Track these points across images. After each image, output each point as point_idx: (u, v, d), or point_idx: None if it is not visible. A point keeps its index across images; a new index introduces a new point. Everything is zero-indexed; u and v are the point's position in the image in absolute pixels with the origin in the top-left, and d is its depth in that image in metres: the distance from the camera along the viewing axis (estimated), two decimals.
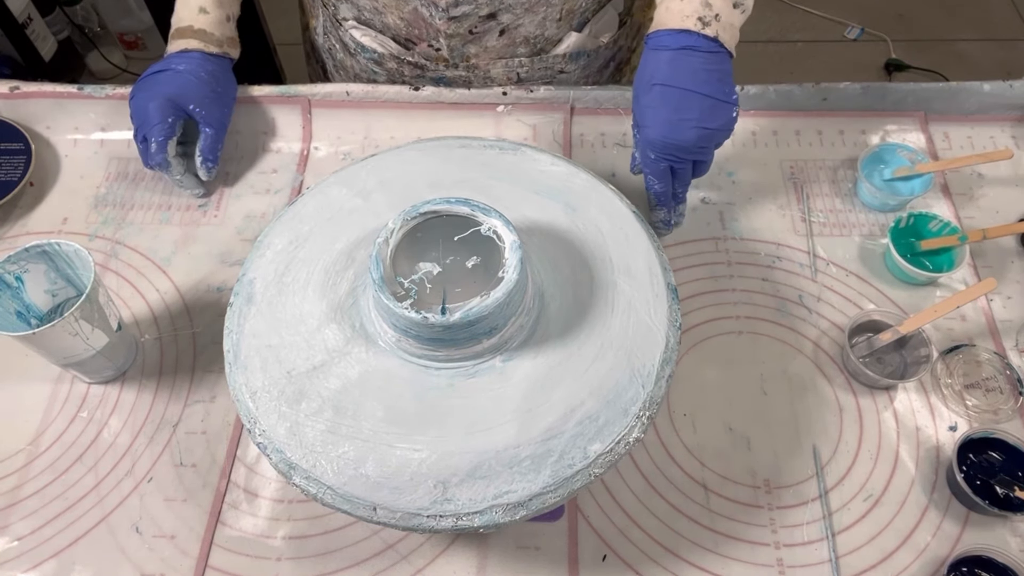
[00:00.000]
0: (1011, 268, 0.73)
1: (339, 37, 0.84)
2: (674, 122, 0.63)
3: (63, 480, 0.63)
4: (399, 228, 0.50)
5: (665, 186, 0.67)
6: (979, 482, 0.59)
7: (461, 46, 0.78)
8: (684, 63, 0.63)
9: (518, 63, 0.80)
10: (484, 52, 0.79)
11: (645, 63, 0.65)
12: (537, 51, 0.80)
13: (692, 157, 0.65)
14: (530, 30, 0.77)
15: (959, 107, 0.81)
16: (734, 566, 0.59)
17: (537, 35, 0.77)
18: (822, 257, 0.73)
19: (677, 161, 0.65)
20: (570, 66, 0.82)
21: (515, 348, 0.50)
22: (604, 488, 0.62)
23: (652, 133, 0.64)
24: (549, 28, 0.77)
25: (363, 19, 0.80)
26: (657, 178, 0.67)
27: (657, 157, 0.65)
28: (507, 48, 0.78)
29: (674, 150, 0.64)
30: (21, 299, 0.64)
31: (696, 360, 0.68)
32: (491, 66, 0.80)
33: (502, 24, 0.75)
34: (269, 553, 0.59)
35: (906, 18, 2.18)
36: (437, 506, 0.46)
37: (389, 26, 0.79)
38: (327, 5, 0.83)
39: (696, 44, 0.63)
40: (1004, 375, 0.66)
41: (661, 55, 0.63)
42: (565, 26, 0.78)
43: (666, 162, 0.65)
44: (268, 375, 0.51)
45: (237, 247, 0.75)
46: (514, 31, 0.76)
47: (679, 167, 0.66)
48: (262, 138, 0.82)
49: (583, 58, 0.82)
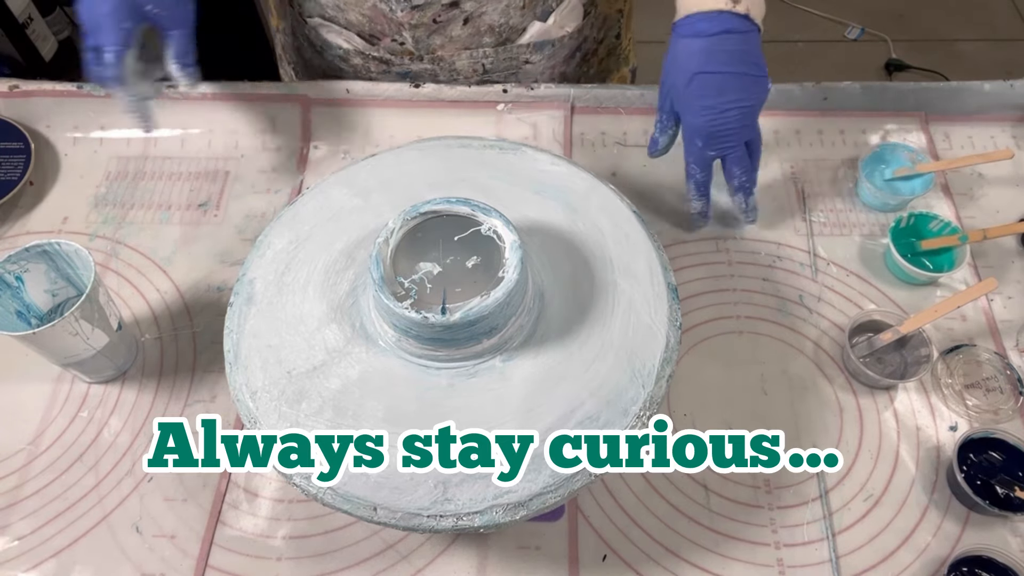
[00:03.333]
0: (1011, 268, 0.73)
1: (305, 35, 0.84)
2: (719, 108, 0.63)
3: (63, 480, 0.63)
4: (399, 228, 0.50)
5: (707, 175, 0.68)
6: (979, 482, 0.59)
7: (426, 37, 0.78)
8: (721, 48, 0.62)
9: (483, 54, 0.80)
10: (450, 43, 0.79)
11: (679, 51, 0.64)
12: (502, 41, 0.80)
13: (742, 138, 0.65)
14: (494, 19, 0.77)
15: (959, 107, 0.81)
16: (734, 566, 0.59)
17: (502, 24, 0.78)
18: (822, 257, 0.73)
19: (727, 147, 0.65)
20: (535, 56, 0.82)
21: (515, 348, 0.50)
22: (604, 488, 0.62)
23: (700, 121, 0.64)
24: (513, 16, 0.77)
25: (327, 16, 0.80)
26: (700, 167, 0.67)
27: (705, 145, 0.65)
28: (472, 38, 0.79)
29: (721, 136, 0.64)
30: (21, 299, 0.64)
31: (696, 360, 0.68)
32: (456, 57, 0.80)
33: (466, 12, 0.75)
34: (269, 553, 0.59)
35: (906, 18, 2.18)
36: (437, 506, 0.46)
37: (352, 22, 0.79)
38: (292, 4, 0.83)
39: (732, 27, 0.62)
40: (1004, 375, 0.66)
41: (696, 43, 0.63)
42: (529, 15, 0.78)
43: (715, 150, 0.66)
44: (268, 375, 0.51)
45: (237, 247, 0.75)
46: (478, 20, 0.77)
47: (731, 153, 0.66)
48: (262, 137, 0.82)
49: (548, 48, 0.82)
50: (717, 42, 0.62)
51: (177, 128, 0.82)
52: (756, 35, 0.64)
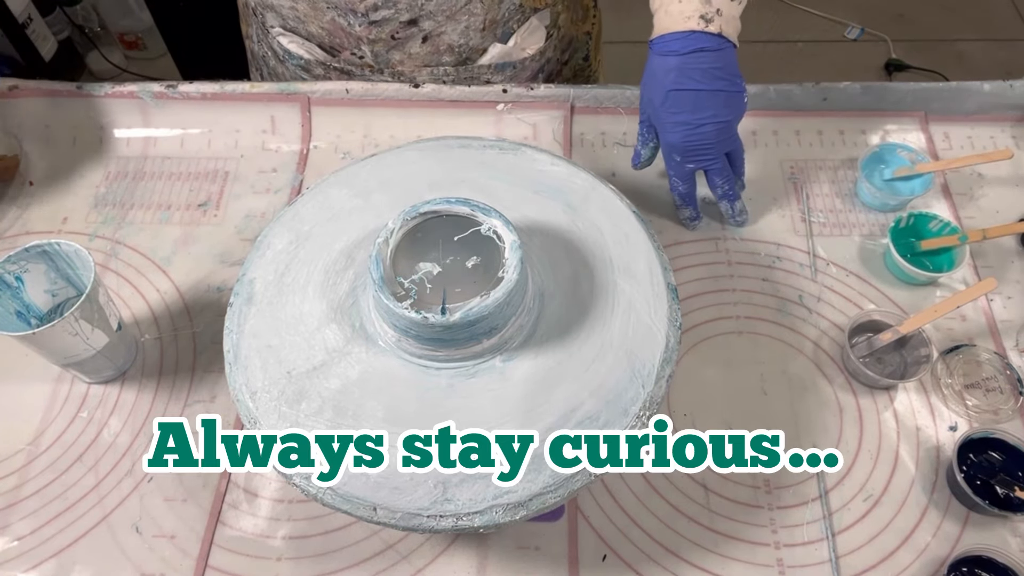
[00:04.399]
0: (1011, 268, 0.73)
1: (269, 44, 0.84)
2: (693, 124, 0.65)
3: (63, 480, 0.63)
4: (399, 228, 0.50)
5: (689, 187, 0.70)
6: (979, 482, 0.59)
7: (385, 52, 0.78)
8: (694, 65, 0.64)
9: (444, 71, 0.80)
10: (409, 59, 0.79)
11: (655, 69, 0.66)
12: (462, 60, 0.80)
13: (720, 151, 0.67)
14: (453, 38, 0.77)
15: (959, 107, 0.81)
16: (734, 566, 0.59)
17: (461, 44, 0.78)
18: (822, 257, 0.73)
19: (705, 160, 0.67)
20: (496, 77, 0.82)
21: (515, 348, 0.50)
22: (604, 488, 0.62)
23: (674, 137, 0.66)
24: (473, 38, 0.77)
25: (288, 27, 0.80)
26: (681, 180, 0.70)
27: (683, 159, 0.68)
28: (431, 56, 0.79)
29: (698, 150, 0.66)
30: (21, 299, 0.64)
31: (696, 360, 0.68)
32: (416, 73, 0.81)
33: (424, 31, 0.75)
34: (269, 553, 0.59)
35: (906, 18, 2.18)
36: (437, 506, 0.46)
37: (313, 34, 0.79)
38: (256, 13, 0.83)
39: (704, 45, 0.63)
40: (1004, 375, 0.66)
41: (670, 60, 0.64)
42: (489, 36, 0.78)
43: (693, 163, 0.68)
44: (268, 375, 0.51)
45: (237, 247, 0.75)
46: (437, 39, 0.77)
47: (710, 166, 0.68)
48: (261, 137, 0.82)
49: (508, 69, 0.82)
50: (691, 60, 0.64)
51: (177, 128, 0.82)
52: (731, 51, 0.65)
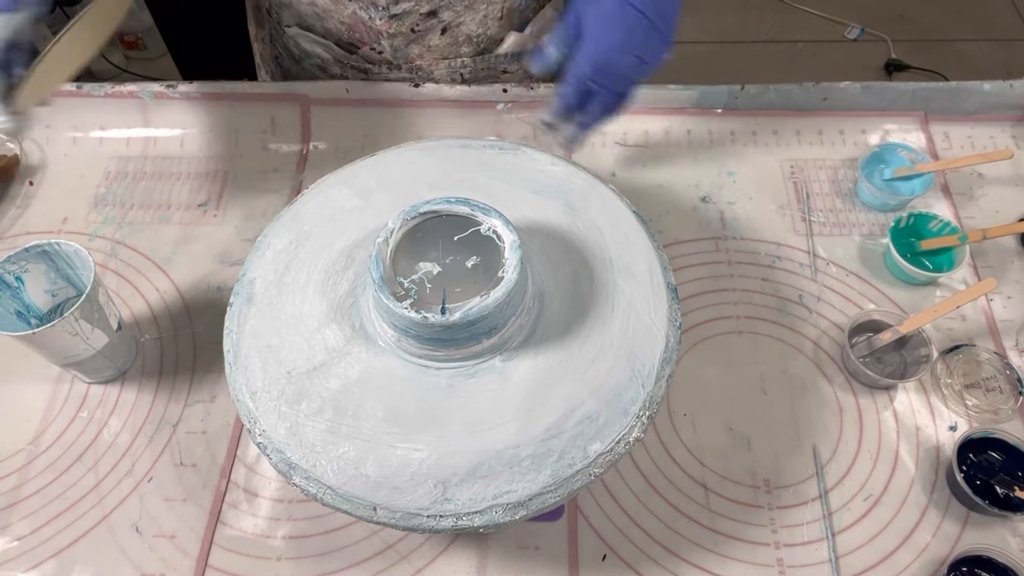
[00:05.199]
0: (1011, 268, 0.73)
1: (284, 44, 0.84)
2: (623, 47, 0.57)
3: (63, 480, 0.63)
4: (399, 228, 0.50)
5: (580, 101, 0.60)
6: (979, 482, 0.59)
7: (404, 46, 0.78)
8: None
9: (461, 63, 0.80)
10: (428, 52, 0.79)
11: None
12: (480, 51, 0.80)
13: (623, 88, 0.59)
14: (472, 28, 0.77)
15: (959, 107, 0.81)
16: (734, 566, 0.59)
17: (480, 34, 0.77)
18: (822, 257, 0.73)
19: (610, 89, 0.59)
20: (513, 66, 0.82)
21: (515, 348, 0.50)
22: (604, 488, 0.62)
23: (599, 52, 0.57)
24: (491, 27, 0.77)
25: (305, 24, 0.80)
26: (576, 92, 0.59)
27: (594, 76, 0.58)
28: (450, 48, 0.78)
29: (613, 77, 0.58)
30: (21, 299, 0.64)
31: (696, 360, 0.68)
32: (434, 67, 0.80)
33: (443, 22, 0.75)
34: (269, 553, 0.59)
35: (906, 18, 2.18)
36: (437, 506, 0.46)
37: (331, 31, 0.79)
38: (271, 13, 0.83)
39: None
40: (1004, 375, 0.66)
41: None
42: (507, 25, 0.78)
43: (599, 86, 0.58)
44: (268, 375, 0.51)
45: (237, 247, 0.75)
46: (456, 29, 0.77)
47: (607, 97, 0.59)
48: (261, 137, 0.82)
49: (525, 58, 0.82)
50: None
51: (177, 128, 0.82)
52: None
